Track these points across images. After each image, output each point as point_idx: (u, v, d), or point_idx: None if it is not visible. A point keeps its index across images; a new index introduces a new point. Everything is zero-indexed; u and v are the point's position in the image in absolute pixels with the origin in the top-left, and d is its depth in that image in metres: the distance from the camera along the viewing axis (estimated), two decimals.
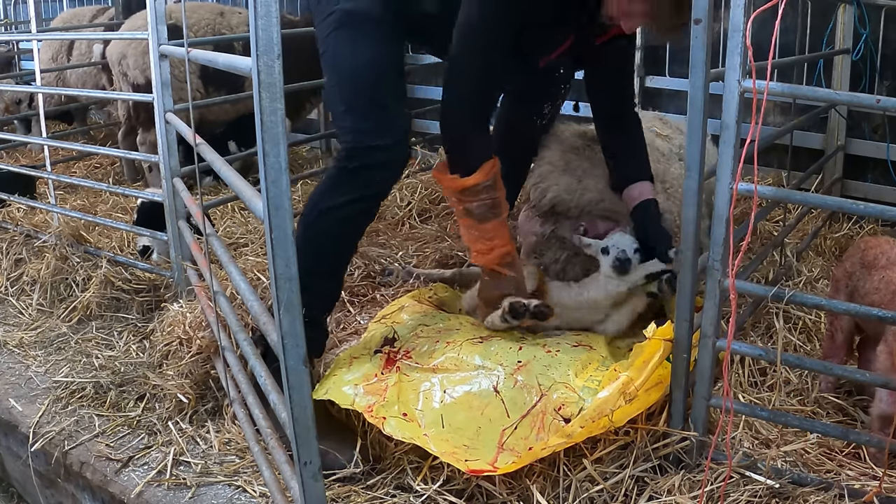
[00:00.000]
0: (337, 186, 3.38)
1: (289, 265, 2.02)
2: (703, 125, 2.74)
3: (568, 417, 3.06)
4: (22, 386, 4.08)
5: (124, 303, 4.78)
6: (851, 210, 2.66)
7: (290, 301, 2.05)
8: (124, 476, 3.34)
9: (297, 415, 2.14)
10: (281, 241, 2.01)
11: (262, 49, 1.91)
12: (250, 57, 1.98)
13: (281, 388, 2.21)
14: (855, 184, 5.83)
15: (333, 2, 3.49)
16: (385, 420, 3.08)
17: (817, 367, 3.27)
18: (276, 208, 1.99)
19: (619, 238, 3.78)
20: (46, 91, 7.29)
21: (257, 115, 1.94)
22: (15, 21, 11.08)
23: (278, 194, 1.98)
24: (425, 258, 4.89)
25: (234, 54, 2.85)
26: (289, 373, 2.10)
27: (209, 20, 6.97)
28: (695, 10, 2.63)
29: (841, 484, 2.85)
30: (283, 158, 1.96)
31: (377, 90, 3.43)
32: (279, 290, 2.03)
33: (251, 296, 2.52)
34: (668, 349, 3.04)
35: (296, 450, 2.17)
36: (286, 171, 1.97)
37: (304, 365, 2.10)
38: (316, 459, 2.20)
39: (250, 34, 1.92)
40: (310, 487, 2.21)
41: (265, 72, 1.92)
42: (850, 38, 5.52)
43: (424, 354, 3.43)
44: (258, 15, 1.88)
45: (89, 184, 5.76)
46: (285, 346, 2.08)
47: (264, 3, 1.88)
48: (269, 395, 2.37)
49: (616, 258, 3.69)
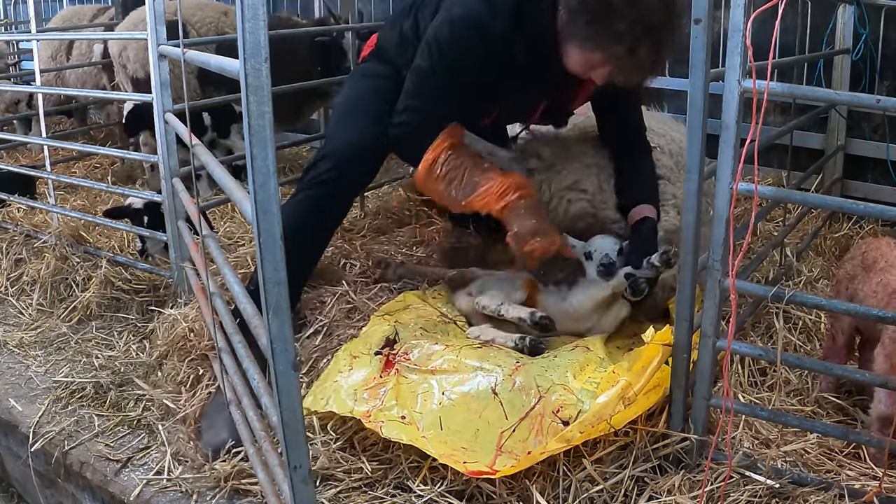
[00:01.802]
0: (298, 182, 3.98)
1: (277, 269, 2.01)
2: (703, 125, 2.74)
3: (566, 420, 3.06)
4: (22, 386, 4.08)
5: (124, 303, 4.78)
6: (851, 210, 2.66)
7: (279, 305, 2.04)
8: (124, 476, 3.34)
9: (286, 419, 2.13)
10: (269, 244, 2.00)
11: (249, 52, 1.89)
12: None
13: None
14: (855, 184, 5.83)
15: (356, 69, 4.42)
16: (383, 424, 3.08)
17: (817, 367, 3.27)
18: (265, 212, 1.98)
19: (600, 242, 3.79)
20: (46, 91, 7.28)
21: (245, 118, 1.93)
22: (15, 21, 11.07)
23: (266, 198, 1.97)
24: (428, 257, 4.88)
25: None
26: (278, 377, 2.09)
27: (213, 19, 6.98)
28: (695, 10, 2.63)
29: (841, 484, 2.85)
30: (272, 162, 1.94)
31: (346, 114, 4.04)
32: (268, 293, 2.02)
33: (244, 298, 2.51)
34: (667, 353, 3.05)
35: (286, 454, 2.17)
36: (274, 174, 1.96)
37: (294, 369, 2.09)
38: (306, 463, 2.19)
39: (238, 37, 1.90)
40: (300, 491, 2.20)
41: (252, 75, 1.91)
42: (850, 38, 5.52)
43: (423, 356, 3.43)
44: (245, 17, 1.86)
45: (89, 184, 5.76)
46: (274, 351, 2.07)
47: (251, 5, 1.86)
48: (261, 397, 2.37)
49: (601, 263, 3.70)
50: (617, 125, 4.14)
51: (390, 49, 4.14)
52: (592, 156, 4.15)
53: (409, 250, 4.88)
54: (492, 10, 3.59)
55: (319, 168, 3.85)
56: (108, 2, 10.26)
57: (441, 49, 3.66)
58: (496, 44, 3.60)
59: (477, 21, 3.60)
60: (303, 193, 3.86)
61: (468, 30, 3.61)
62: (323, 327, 3.94)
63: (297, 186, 3.96)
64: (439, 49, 3.66)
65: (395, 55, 4.08)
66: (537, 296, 3.87)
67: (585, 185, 4.03)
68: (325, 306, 4.08)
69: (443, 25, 3.66)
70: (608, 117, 4.16)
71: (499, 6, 3.59)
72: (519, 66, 3.67)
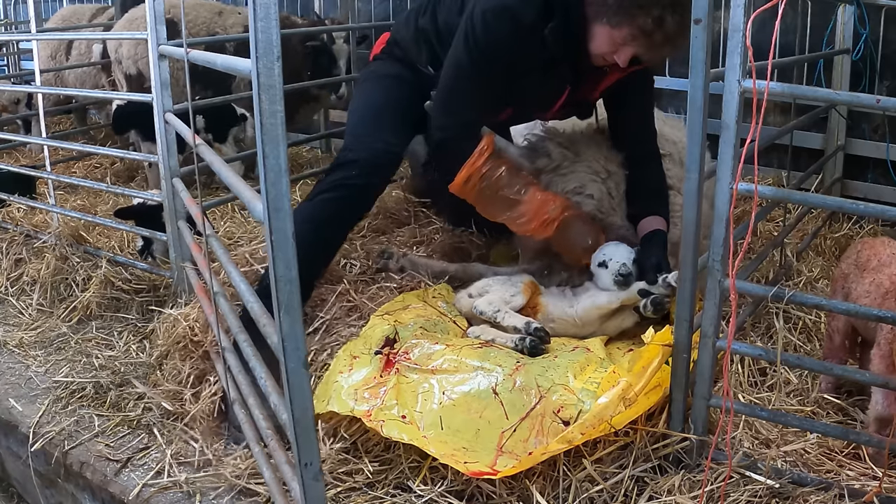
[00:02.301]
0: (318, 184, 3.98)
1: (289, 267, 2.01)
2: (703, 125, 2.74)
3: (567, 420, 3.06)
4: (22, 386, 4.08)
5: (124, 303, 4.78)
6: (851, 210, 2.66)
7: (291, 303, 2.03)
8: (124, 476, 3.34)
9: (297, 416, 2.13)
10: (281, 243, 2.00)
11: (261, 51, 1.89)
12: (245, 58, 1.97)
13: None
14: (855, 184, 5.83)
15: (370, 67, 4.43)
16: (384, 423, 3.08)
17: (817, 367, 3.27)
18: (276, 210, 1.98)
19: (614, 250, 3.78)
20: (46, 91, 7.28)
21: (257, 117, 1.93)
22: (15, 21, 11.07)
23: (278, 196, 1.97)
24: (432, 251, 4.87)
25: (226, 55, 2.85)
26: (289, 375, 2.09)
27: (206, 19, 6.97)
28: (695, 10, 2.63)
29: (841, 484, 2.85)
30: (283, 160, 1.95)
31: (371, 119, 4.07)
32: (279, 291, 2.02)
33: (251, 297, 2.51)
34: (668, 354, 3.05)
35: (297, 451, 2.17)
36: (286, 172, 1.96)
37: (305, 367, 2.09)
38: (316, 460, 2.19)
39: (250, 36, 1.91)
40: (310, 488, 2.20)
41: (265, 74, 1.91)
42: (850, 38, 5.52)
43: (423, 356, 3.43)
44: (258, 17, 1.87)
45: (89, 184, 5.75)
46: (286, 349, 2.07)
47: (264, 4, 1.86)
48: (270, 396, 2.36)
49: (619, 273, 3.69)
50: (629, 131, 4.15)
51: (406, 46, 4.19)
52: (602, 161, 4.12)
53: (410, 250, 4.86)
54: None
55: (342, 172, 3.87)
56: (107, 1, 10.26)
57: (476, 39, 3.67)
58: (528, 33, 3.63)
59: (510, 10, 3.63)
60: (324, 195, 3.86)
61: (502, 19, 3.63)
62: (323, 324, 3.94)
63: (315, 188, 3.97)
64: (475, 39, 3.68)
65: (412, 52, 4.15)
66: (539, 299, 3.87)
67: (591, 191, 4.02)
68: (326, 304, 4.08)
69: (476, 16, 3.67)
70: (621, 121, 4.17)
71: None
72: (546, 55, 3.70)
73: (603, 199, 4.03)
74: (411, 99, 4.08)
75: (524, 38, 3.64)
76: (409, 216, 5.54)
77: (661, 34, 3.42)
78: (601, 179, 4.05)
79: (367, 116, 4.12)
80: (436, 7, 4.08)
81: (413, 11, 4.28)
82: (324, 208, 3.84)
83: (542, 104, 4.13)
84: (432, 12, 4.08)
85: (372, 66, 4.39)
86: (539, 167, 4.15)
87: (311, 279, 3.92)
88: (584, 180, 4.04)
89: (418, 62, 4.12)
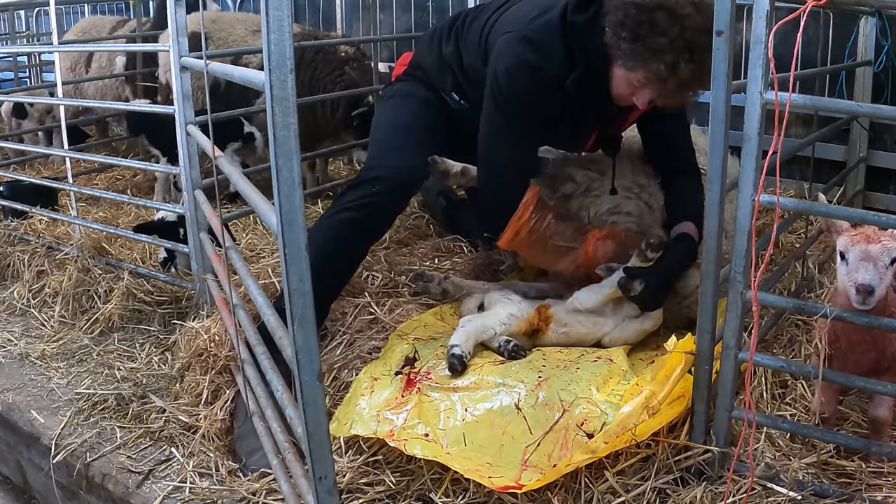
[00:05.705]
0: (339, 199, 3.93)
1: (303, 280, 2.01)
2: (725, 137, 2.73)
3: (591, 433, 3.05)
4: (44, 398, 4.09)
5: (146, 314, 4.79)
6: (873, 222, 2.64)
7: (305, 316, 2.04)
8: (146, 488, 3.35)
9: (311, 430, 2.13)
10: (294, 256, 2.00)
11: (274, 63, 1.90)
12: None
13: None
14: (877, 195, 5.82)
15: (394, 86, 4.42)
16: (406, 442, 3.09)
17: (839, 378, 3.26)
18: (290, 223, 1.98)
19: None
20: (68, 103, 7.31)
21: (270, 130, 1.94)
22: (37, 33, 11.14)
23: (291, 209, 1.97)
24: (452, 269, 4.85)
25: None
26: (303, 388, 2.09)
27: (242, 36, 6.95)
28: (717, 22, 2.63)
29: (863, 495, 2.84)
30: (297, 173, 1.95)
31: (396, 137, 4.10)
32: (293, 304, 2.02)
33: (268, 309, 2.52)
34: (690, 362, 3.04)
35: (311, 465, 2.17)
36: (299, 185, 1.96)
37: (319, 380, 2.10)
38: (331, 474, 2.19)
39: (263, 48, 1.92)
40: (325, 502, 2.20)
41: (278, 86, 1.91)
42: (872, 49, 5.52)
43: (444, 375, 3.43)
44: (270, 29, 1.88)
45: (111, 196, 5.77)
46: (300, 362, 2.07)
47: (277, 17, 1.87)
48: (286, 409, 2.37)
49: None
50: (662, 145, 4.13)
51: (429, 70, 4.22)
52: (629, 175, 4.08)
53: (433, 262, 4.87)
54: (541, 53, 3.63)
55: (365, 189, 3.85)
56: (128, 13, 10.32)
57: (504, 96, 3.68)
58: (552, 86, 3.64)
59: (529, 64, 3.63)
60: (344, 213, 3.83)
61: (524, 74, 3.63)
62: (344, 338, 3.94)
63: (337, 203, 3.92)
64: (502, 96, 3.69)
65: (436, 78, 4.18)
66: (549, 311, 3.84)
67: (629, 208, 3.99)
68: (347, 317, 4.08)
69: (500, 74, 3.68)
70: (653, 138, 4.16)
71: (546, 48, 3.63)
72: (574, 102, 3.72)
73: (643, 214, 3.99)
74: (436, 120, 4.12)
75: (548, 91, 3.65)
76: (430, 230, 5.54)
77: (674, 81, 3.40)
78: (634, 194, 4.02)
79: (392, 134, 4.13)
80: (458, 40, 4.09)
81: (436, 36, 4.27)
82: (344, 227, 3.81)
83: (572, 147, 4.20)
84: (455, 44, 4.09)
85: (396, 85, 4.40)
86: (566, 192, 4.11)
87: (330, 297, 3.92)
88: (617, 199, 4.00)
89: (441, 88, 4.13)
